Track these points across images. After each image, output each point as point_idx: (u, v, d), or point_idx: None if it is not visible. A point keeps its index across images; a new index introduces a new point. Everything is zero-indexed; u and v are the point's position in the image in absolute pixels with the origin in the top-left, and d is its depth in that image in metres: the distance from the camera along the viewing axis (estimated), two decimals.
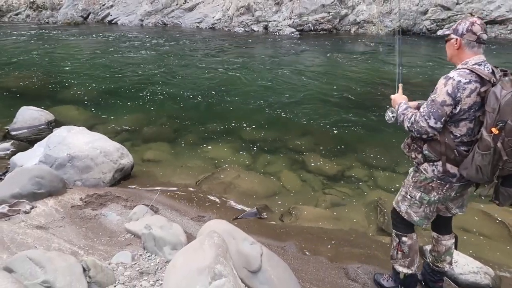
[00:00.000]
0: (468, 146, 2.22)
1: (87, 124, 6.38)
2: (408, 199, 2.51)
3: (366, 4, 18.16)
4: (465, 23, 2.22)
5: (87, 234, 3.46)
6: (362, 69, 11.11)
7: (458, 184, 2.31)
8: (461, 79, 2.12)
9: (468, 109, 2.14)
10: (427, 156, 2.34)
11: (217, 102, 8.18)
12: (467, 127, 2.20)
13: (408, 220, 2.54)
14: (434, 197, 2.38)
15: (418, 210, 2.47)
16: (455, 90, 2.12)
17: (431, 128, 2.20)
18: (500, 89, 2.01)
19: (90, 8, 22.80)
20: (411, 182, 2.48)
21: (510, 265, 3.48)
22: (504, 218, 4.10)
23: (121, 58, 12.78)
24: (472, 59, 2.20)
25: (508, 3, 15.71)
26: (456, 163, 2.25)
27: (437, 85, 2.21)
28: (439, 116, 2.16)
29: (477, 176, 2.13)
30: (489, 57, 2.25)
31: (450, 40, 2.28)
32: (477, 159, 2.09)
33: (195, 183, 4.88)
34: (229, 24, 19.66)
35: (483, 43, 2.20)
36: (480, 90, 2.10)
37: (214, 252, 2.33)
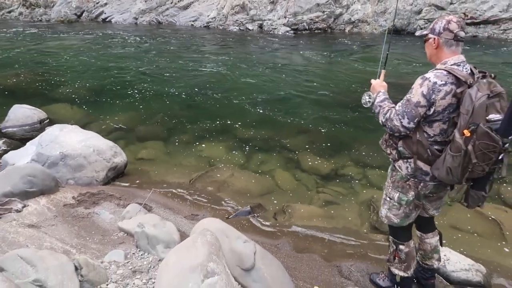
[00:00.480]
0: (441, 145, 2.22)
1: (80, 122, 6.34)
2: (387, 201, 2.51)
3: (361, 4, 18.21)
4: (442, 21, 2.19)
5: (80, 232, 3.44)
6: (356, 68, 11.14)
7: (432, 183, 2.31)
8: (437, 81, 2.10)
9: (442, 111, 2.13)
10: (402, 153, 2.35)
11: (211, 101, 8.16)
12: (440, 128, 2.19)
13: (388, 224, 2.56)
14: (411, 197, 2.38)
15: (398, 212, 2.47)
16: (430, 92, 2.10)
17: (403, 128, 2.21)
18: (475, 91, 1.99)
19: (83, 6, 22.65)
20: (390, 182, 2.49)
21: (501, 262, 3.51)
22: (496, 216, 4.13)
23: (115, 57, 12.71)
24: (451, 59, 2.17)
25: (501, 3, 15.83)
26: (428, 162, 2.24)
27: (413, 84, 2.20)
28: (413, 116, 2.17)
29: (448, 177, 2.13)
30: (481, 57, 2.26)
31: (429, 39, 2.26)
32: (448, 161, 2.09)
33: (189, 181, 4.87)
34: (224, 22, 19.63)
35: (461, 40, 2.17)
36: (456, 91, 2.08)
37: (207, 250, 2.32)
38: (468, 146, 1.98)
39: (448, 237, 3.81)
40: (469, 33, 16.12)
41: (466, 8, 16.35)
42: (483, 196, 2.17)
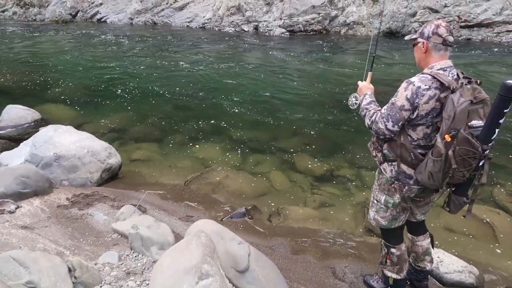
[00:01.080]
0: (424, 149, 2.23)
1: (75, 123, 6.31)
2: (375, 204, 2.53)
3: (356, 6, 18.28)
4: (431, 26, 2.19)
5: (73, 234, 3.43)
6: (351, 70, 11.18)
7: (416, 186, 2.31)
8: (421, 85, 2.11)
9: (425, 115, 2.14)
10: (386, 156, 2.36)
11: (206, 102, 8.15)
12: (424, 132, 2.20)
13: (376, 226, 2.58)
14: (397, 199, 2.40)
15: (385, 215, 2.49)
16: (414, 96, 2.11)
17: (388, 131, 2.23)
18: (458, 96, 2.00)
19: (78, 6, 22.54)
20: (377, 185, 2.51)
21: (494, 264, 3.54)
22: (489, 218, 4.16)
23: (110, 57, 12.67)
24: (438, 63, 2.17)
25: (494, 7, 15.95)
26: (412, 165, 2.25)
27: (399, 88, 2.21)
28: (397, 120, 2.18)
29: (429, 182, 2.14)
30: (475, 60, 2.27)
31: (417, 44, 2.26)
32: (429, 165, 2.10)
33: (183, 183, 4.86)
34: (220, 24, 19.62)
35: (449, 45, 2.18)
36: (440, 96, 2.08)
37: (201, 252, 2.32)
38: (449, 151, 2.00)
39: (442, 239, 3.84)
40: (463, 36, 16.24)
41: (460, 11, 16.46)
42: (464, 202, 2.20)
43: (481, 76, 10.13)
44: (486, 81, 9.65)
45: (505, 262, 3.58)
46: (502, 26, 16.03)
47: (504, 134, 6.27)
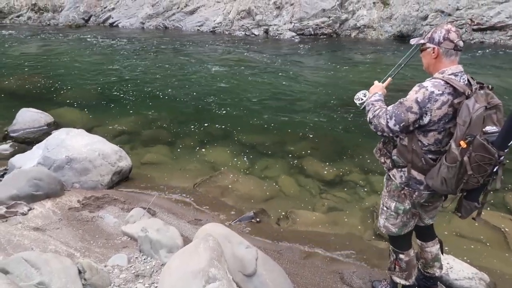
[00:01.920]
0: (435, 154, 2.20)
1: (86, 126, 6.40)
2: (384, 211, 2.50)
3: (367, 9, 18.22)
4: (441, 31, 2.15)
5: (84, 236, 3.48)
6: (361, 73, 11.14)
7: (426, 192, 2.28)
8: (435, 90, 2.08)
9: (438, 121, 2.11)
10: (396, 162, 2.34)
11: (216, 106, 8.20)
12: (435, 138, 2.17)
13: (386, 234, 2.55)
14: (408, 205, 2.37)
15: (396, 222, 2.45)
16: (426, 101, 2.07)
17: (388, 128, 2.19)
18: (473, 102, 1.97)
19: (91, 10, 22.88)
20: (386, 192, 2.47)
21: (505, 271, 3.48)
22: (500, 224, 4.11)
23: (122, 61, 12.83)
24: (449, 68, 2.14)
25: (508, 10, 15.75)
26: (423, 171, 2.23)
27: (411, 90, 2.18)
28: (400, 119, 2.13)
29: (442, 187, 2.12)
30: (487, 63, 2.25)
31: (427, 49, 2.21)
32: (443, 171, 2.07)
33: (192, 186, 4.89)
34: (230, 27, 19.73)
35: (460, 50, 2.15)
36: (453, 102, 2.05)
37: (208, 256, 2.34)
38: (464, 157, 1.97)
39: (452, 245, 3.79)
40: (476, 39, 16.07)
41: (473, 14, 16.29)
42: (475, 207, 2.17)
43: (494, 79, 10.00)
44: (498, 86, 9.54)
45: None
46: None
47: None
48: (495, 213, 4.32)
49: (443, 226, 3.96)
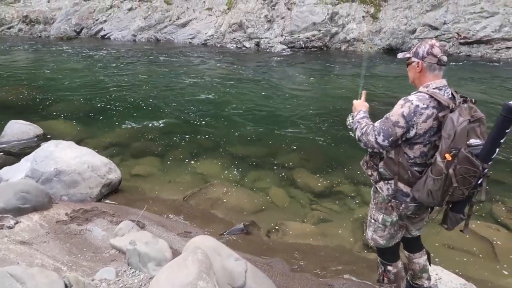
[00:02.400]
0: (421, 167, 2.23)
1: (76, 138, 6.36)
2: (372, 223, 2.51)
3: (356, 23, 18.52)
4: (425, 46, 2.21)
5: (71, 249, 3.43)
6: (350, 86, 11.26)
7: (413, 204, 2.30)
8: (420, 104, 2.11)
9: (423, 134, 2.14)
10: (382, 174, 2.36)
11: (206, 118, 8.21)
12: (421, 151, 2.20)
13: (374, 246, 2.55)
14: (395, 217, 2.38)
15: (383, 234, 2.46)
16: (411, 114, 2.12)
17: (377, 144, 2.22)
18: (457, 115, 2.02)
19: (83, 23, 22.90)
20: (373, 204, 2.49)
21: (494, 281, 3.51)
22: (488, 235, 4.15)
23: (112, 73, 12.82)
24: (433, 82, 2.19)
25: (493, 24, 16.14)
26: (409, 183, 2.25)
27: (396, 104, 2.22)
28: (388, 135, 2.17)
29: (428, 199, 2.15)
30: (474, 76, 2.30)
31: (412, 63, 2.28)
32: (429, 183, 2.10)
33: (182, 198, 4.87)
34: (221, 40, 19.88)
35: (443, 65, 2.21)
36: (438, 115, 2.09)
37: (197, 268, 2.33)
38: (449, 170, 2.00)
39: (441, 256, 3.82)
40: (463, 52, 16.40)
41: (460, 28, 16.66)
42: (461, 219, 2.20)
43: (479, 93, 10.19)
44: (483, 99, 9.71)
45: (505, 279, 3.56)
46: (501, 43, 16.20)
47: (503, 150, 6.28)
48: (482, 223, 4.36)
49: (432, 237, 3.99)
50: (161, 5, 22.07)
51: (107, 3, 23.09)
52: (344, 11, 18.81)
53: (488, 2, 16.59)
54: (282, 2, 19.53)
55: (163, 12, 21.76)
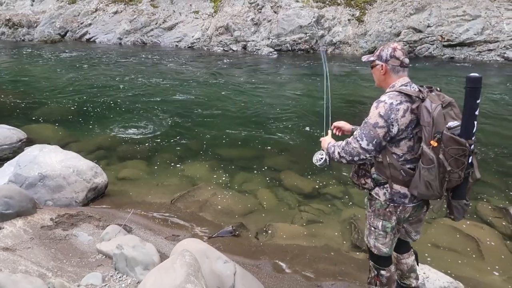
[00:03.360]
0: (412, 163, 2.23)
1: (61, 142, 6.27)
2: (372, 231, 2.45)
3: (342, 26, 18.68)
4: (388, 49, 2.29)
5: (56, 255, 3.37)
6: (337, 88, 11.35)
7: (411, 205, 2.29)
8: (393, 101, 2.17)
9: (405, 128, 2.17)
10: (377, 180, 2.34)
11: (194, 121, 8.18)
12: (408, 146, 2.21)
13: (378, 254, 2.49)
14: (394, 222, 2.35)
15: (385, 241, 2.42)
16: (388, 112, 2.15)
17: (363, 150, 2.21)
18: (429, 103, 2.09)
19: (68, 26, 22.61)
20: (371, 212, 2.44)
21: (479, 279, 3.56)
22: (473, 233, 4.21)
23: (97, 76, 12.67)
24: (398, 81, 2.28)
25: (475, 27, 16.45)
26: (404, 183, 2.24)
27: (371, 109, 2.25)
28: (371, 137, 2.18)
29: (428, 192, 2.13)
30: (455, 77, 2.35)
31: (376, 66, 2.34)
32: (424, 175, 2.10)
33: (170, 201, 4.83)
34: (208, 43, 19.84)
35: (406, 66, 2.29)
36: (412, 108, 2.15)
37: (185, 272, 2.31)
38: (439, 155, 2.04)
39: (428, 255, 3.86)
40: (446, 55, 16.68)
41: (443, 31, 16.93)
42: (465, 205, 2.20)
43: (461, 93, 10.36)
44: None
45: (490, 276, 3.61)
46: (483, 45, 16.51)
47: (486, 151, 6.40)
48: (468, 222, 4.42)
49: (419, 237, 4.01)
50: (147, 8, 21.95)
51: (92, 6, 22.86)
52: (330, 14, 18.96)
53: (470, 5, 16.91)
54: (268, 5, 19.59)
55: (149, 15, 21.64)
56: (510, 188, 5.31)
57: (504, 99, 10.03)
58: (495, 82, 12.25)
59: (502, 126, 7.86)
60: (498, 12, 16.41)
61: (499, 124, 7.97)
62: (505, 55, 15.93)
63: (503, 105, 9.47)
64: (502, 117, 8.45)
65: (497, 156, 6.22)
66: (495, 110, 8.97)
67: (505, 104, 9.55)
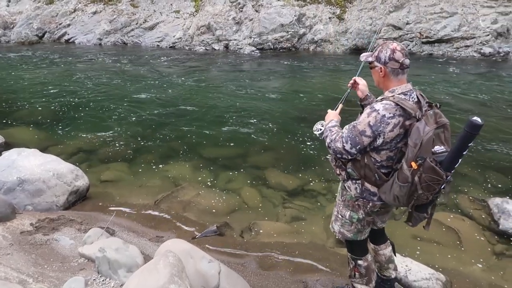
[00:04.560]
0: (388, 169, 2.29)
1: (40, 146, 6.13)
2: (340, 218, 2.55)
3: (323, 24, 18.82)
4: (386, 51, 2.21)
5: (37, 260, 3.30)
6: (319, 85, 11.43)
7: (379, 202, 2.37)
8: (386, 113, 2.14)
9: (390, 141, 2.19)
10: (350, 174, 2.40)
11: (176, 121, 8.12)
12: (387, 156, 2.25)
13: (342, 239, 2.61)
14: (361, 215, 2.45)
15: (350, 228, 2.52)
16: (378, 124, 2.14)
17: (345, 151, 2.26)
18: (423, 125, 2.06)
19: (45, 27, 22.14)
20: (341, 201, 2.54)
21: (460, 269, 3.65)
22: (454, 225, 4.30)
23: (77, 78, 12.45)
24: (398, 87, 2.22)
25: (452, 24, 16.79)
26: (376, 184, 2.31)
27: (363, 113, 2.26)
28: (356, 143, 2.21)
29: (394, 203, 2.24)
30: (435, 73, 2.35)
31: (375, 67, 2.29)
32: (395, 189, 2.16)
33: (153, 202, 4.79)
34: (190, 43, 19.72)
35: (406, 68, 2.22)
36: (404, 123, 2.14)
37: (168, 272, 2.29)
38: (415, 177, 2.06)
39: (410, 248, 3.94)
40: (425, 51, 16.98)
41: (421, 28, 17.23)
42: (424, 217, 2.29)
43: (439, 89, 10.59)
44: (442, 96, 10.09)
45: (470, 266, 3.70)
46: (460, 42, 16.87)
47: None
48: (448, 214, 4.51)
49: (400, 230, 4.09)
50: (127, 8, 21.68)
51: (70, 6, 22.45)
52: (311, 12, 19.08)
53: (447, 2, 17.25)
54: (249, 4, 19.59)
55: (130, 15, 21.38)
56: (489, 180, 5.44)
57: (480, 95, 10.27)
58: (471, 78, 12.52)
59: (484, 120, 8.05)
60: (474, 9, 16.78)
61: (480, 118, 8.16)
62: (482, 51, 16.32)
63: (479, 100, 9.69)
64: (479, 112, 8.64)
65: (476, 150, 6.36)
66: (472, 105, 9.19)
67: (481, 99, 9.78)
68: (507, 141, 6.87)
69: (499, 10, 16.64)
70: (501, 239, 4.13)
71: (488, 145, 6.67)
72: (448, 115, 2.20)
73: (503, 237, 4.16)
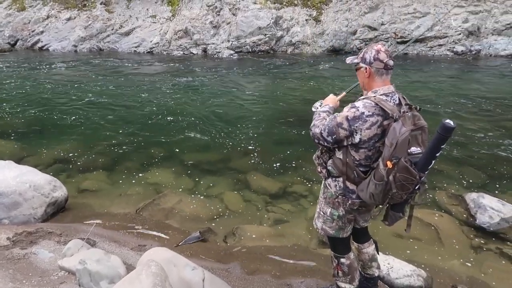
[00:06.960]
0: (366, 168, 2.35)
1: (15, 157, 5.97)
2: (321, 215, 2.63)
3: (300, 26, 19.01)
4: (371, 51, 2.28)
5: (15, 276, 3.21)
6: (298, 87, 11.53)
7: (358, 200, 2.42)
8: (365, 111, 2.21)
9: (368, 140, 2.24)
10: (331, 172, 2.48)
11: (155, 128, 8.04)
12: (366, 154, 2.31)
13: (325, 235, 2.67)
14: (342, 212, 2.51)
15: (332, 225, 2.59)
16: (356, 120, 2.21)
17: (322, 137, 2.34)
18: (400, 125, 2.10)
19: (18, 34, 21.63)
20: (322, 198, 2.61)
21: (440, 265, 3.73)
22: (433, 221, 4.40)
23: (52, 86, 12.18)
24: (381, 89, 2.27)
25: (425, 23, 17.23)
26: (355, 182, 2.38)
27: (345, 107, 2.33)
28: (332, 132, 2.29)
29: (370, 200, 2.30)
30: (409, 72, 2.40)
31: (360, 68, 2.34)
32: (371, 187, 2.23)
33: (135, 211, 4.72)
34: (168, 47, 19.59)
35: (390, 68, 2.28)
36: (383, 123, 2.20)
37: (151, 282, 2.27)
38: (390, 176, 2.12)
39: (391, 245, 4.00)
40: (400, 50, 17.36)
41: (396, 28, 17.62)
42: (400, 217, 2.36)
43: (416, 87, 10.83)
44: (418, 93, 10.33)
45: (450, 261, 3.79)
46: (434, 41, 17.33)
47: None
48: (427, 211, 4.62)
49: (381, 228, 4.16)
50: (102, 14, 21.39)
51: (43, 13, 22.00)
52: (288, 15, 19.25)
53: (420, 3, 17.69)
54: (226, 7, 19.62)
55: (105, 21, 21.10)
56: (465, 176, 5.59)
57: (454, 92, 10.55)
58: (445, 77, 12.86)
59: (459, 118, 8.27)
60: (445, 9, 17.26)
61: (455, 116, 8.38)
62: (454, 50, 16.80)
63: (453, 98, 9.96)
64: (454, 110, 8.88)
65: (452, 146, 6.52)
66: (447, 103, 9.43)
67: (456, 97, 10.04)
68: (481, 137, 7.08)
69: (469, 10, 17.17)
70: (478, 233, 4.25)
71: (464, 141, 6.85)
72: (423, 115, 2.26)
73: (480, 231, 4.27)
